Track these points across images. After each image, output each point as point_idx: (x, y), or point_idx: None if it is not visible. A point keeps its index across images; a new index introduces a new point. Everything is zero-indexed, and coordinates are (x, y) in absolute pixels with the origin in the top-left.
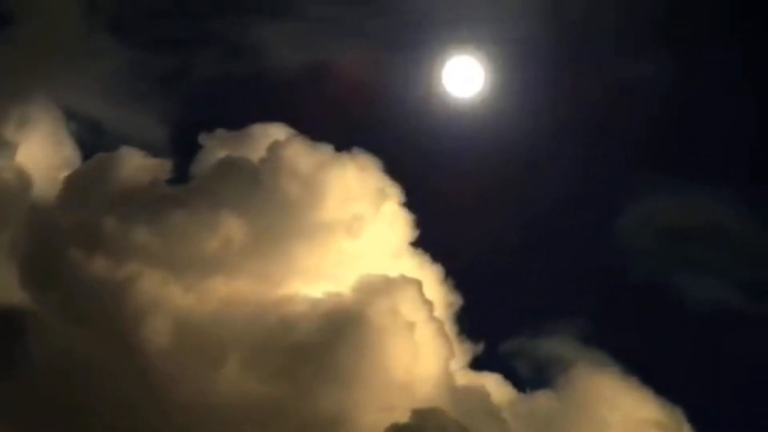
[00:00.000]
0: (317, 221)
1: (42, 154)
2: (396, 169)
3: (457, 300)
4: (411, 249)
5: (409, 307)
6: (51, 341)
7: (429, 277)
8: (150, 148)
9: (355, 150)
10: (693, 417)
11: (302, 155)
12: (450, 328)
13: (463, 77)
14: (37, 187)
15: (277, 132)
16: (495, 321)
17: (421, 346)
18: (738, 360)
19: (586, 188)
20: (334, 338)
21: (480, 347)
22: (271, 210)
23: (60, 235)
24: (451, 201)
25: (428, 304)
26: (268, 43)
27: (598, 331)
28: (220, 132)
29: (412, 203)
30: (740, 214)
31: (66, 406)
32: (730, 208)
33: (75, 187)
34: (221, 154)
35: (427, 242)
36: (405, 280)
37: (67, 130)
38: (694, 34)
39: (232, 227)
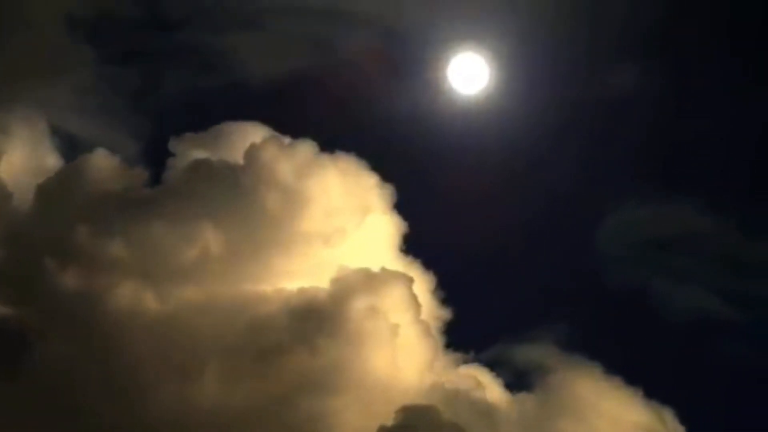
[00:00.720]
0: (302, 228)
1: (22, 165)
2: (391, 171)
3: (445, 313)
4: (402, 254)
5: (395, 306)
6: (31, 352)
7: (419, 284)
8: (125, 162)
9: (350, 154)
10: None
11: (284, 158)
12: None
13: (468, 74)
14: (17, 198)
15: (254, 132)
16: (478, 329)
17: (406, 346)
18: (717, 364)
19: (570, 194)
20: (315, 340)
21: (462, 356)
22: (250, 215)
23: (35, 245)
24: (444, 203)
25: (415, 303)
26: (248, 55)
27: (578, 338)
28: (189, 135)
29: (405, 206)
30: (719, 224)
31: (46, 416)
32: (710, 217)
33: (48, 195)
34: (192, 157)
35: (418, 247)
36: (393, 277)
37: (48, 142)
38: (682, 45)
39: (206, 232)
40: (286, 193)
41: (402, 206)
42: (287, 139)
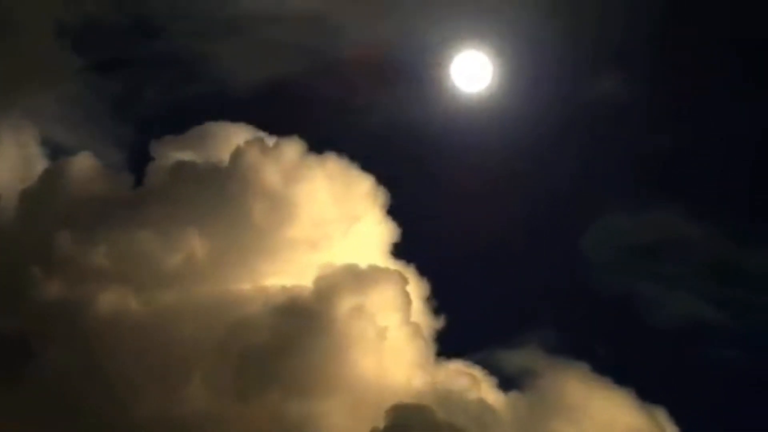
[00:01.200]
0: (289, 233)
1: (10, 172)
2: (387, 173)
3: (435, 317)
4: (394, 260)
5: (385, 306)
6: (16, 357)
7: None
8: (110, 168)
9: (342, 155)
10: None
11: (270, 160)
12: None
13: (472, 72)
14: (4, 205)
15: (238, 133)
16: (466, 335)
17: (397, 346)
18: (706, 368)
19: (559, 198)
20: (304, 342)
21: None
22: (236, 218)
23: (19, 250)
24: (441, 206)
25: (407, 302)
26: (232, 61)
27: (565, 342)
28: (170, 138)
29: (400, 210)
30: (708, 230)
31: (32, 424)
32: (698, 223)
33: (32, 198)
34: (173, 159)
35: (410, 253)
36: (386, 275)
37: (36, 150)
38: (683, 47)
39: (190, 234)
40: (272, 196)
41: (397, 210)
42: (273, 140)
